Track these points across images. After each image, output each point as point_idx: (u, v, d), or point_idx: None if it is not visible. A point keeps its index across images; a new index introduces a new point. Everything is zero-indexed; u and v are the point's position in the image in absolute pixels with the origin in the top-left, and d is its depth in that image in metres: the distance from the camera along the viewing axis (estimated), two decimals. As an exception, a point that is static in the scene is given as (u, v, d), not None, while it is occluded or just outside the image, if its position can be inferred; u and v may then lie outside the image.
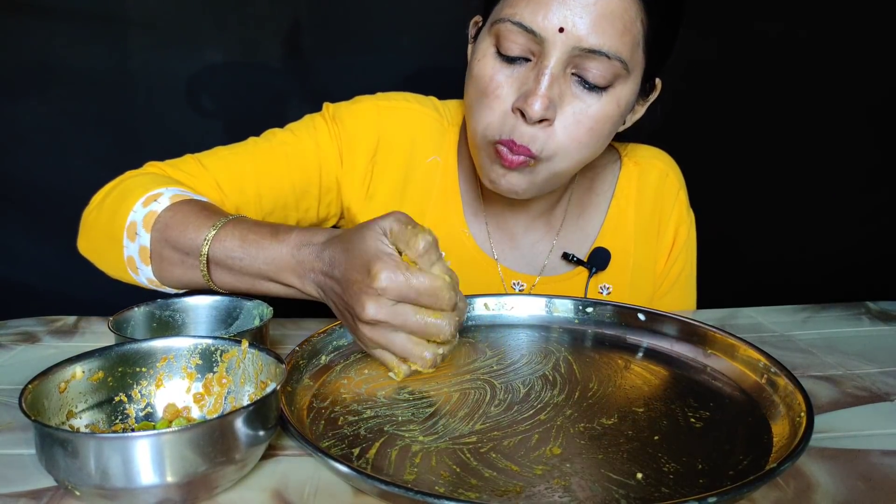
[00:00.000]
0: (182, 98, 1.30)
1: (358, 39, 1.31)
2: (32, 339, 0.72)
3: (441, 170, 0.89)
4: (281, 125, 0.88)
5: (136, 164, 0.81)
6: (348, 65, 1.32)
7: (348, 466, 0.44)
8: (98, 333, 0.74)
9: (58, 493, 0.45)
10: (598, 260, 0.89)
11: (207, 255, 0.66)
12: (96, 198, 0.77)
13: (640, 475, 0.47)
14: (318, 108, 0.90)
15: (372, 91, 0.92)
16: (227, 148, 0.84)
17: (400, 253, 0.58)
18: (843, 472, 0.49)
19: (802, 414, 0.51)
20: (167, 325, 0.66)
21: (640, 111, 0.82)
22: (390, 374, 0.60)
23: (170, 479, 0.41)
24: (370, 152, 0.87)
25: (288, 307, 0.76)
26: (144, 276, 0.71)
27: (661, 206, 0.93)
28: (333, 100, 0.90)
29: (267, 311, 0.65)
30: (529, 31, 0.70)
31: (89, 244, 0.76)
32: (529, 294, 0.78)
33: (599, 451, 0.50)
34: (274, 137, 0.86)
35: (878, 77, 1.46)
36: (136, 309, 0.64)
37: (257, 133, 0.87)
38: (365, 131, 0.87)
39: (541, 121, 0.71)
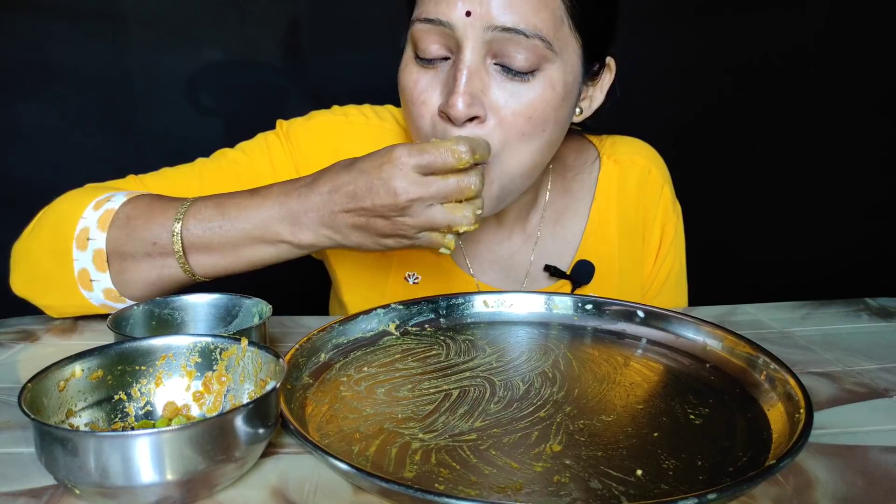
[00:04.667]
0: (181, 96, 1.30)
1: (356, 38, 1.31)
2: (32, 337, 0.72)
3: None
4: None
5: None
6: (346, 63, 1.32)
7: (348, 464, 0.44)
8: (97, 332, 0.73)
9: (57, 492, 0.45)
10: (581, 275, 0.85)
11: (181, 234, 0.64)
12: (27, 229, 0.73)
13: (639, 472, 0.47)
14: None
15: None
16: (173, 169, 0.81)
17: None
18: (842, 468, 0.49)
19: (802, 410, 0.51)
20: (166, 324, 0.66)
21: (599, 97, 0.78)
22: (441, 250, 0.62)
23: (170, 477, 0.41)
24: None
25: (287, 305, 0.76)
26: (100, 288, 0.68)
27: (644, 205, 0.89)
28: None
29: (266, 308, 0.65)
30: (438, 24, 0.67)
31: (28, 275, 0.71)
32: (529, 291, 0.77)
33: (599, 447, 0.50)
34: (224, 157, 0.82)
35: (878, 76, 1.47)
36: (135, 307, 0.64)
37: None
38: (322, 149, 0.83)
39: (471, 120, 0.67)
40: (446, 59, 0.69)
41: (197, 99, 1.31)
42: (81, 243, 0.67)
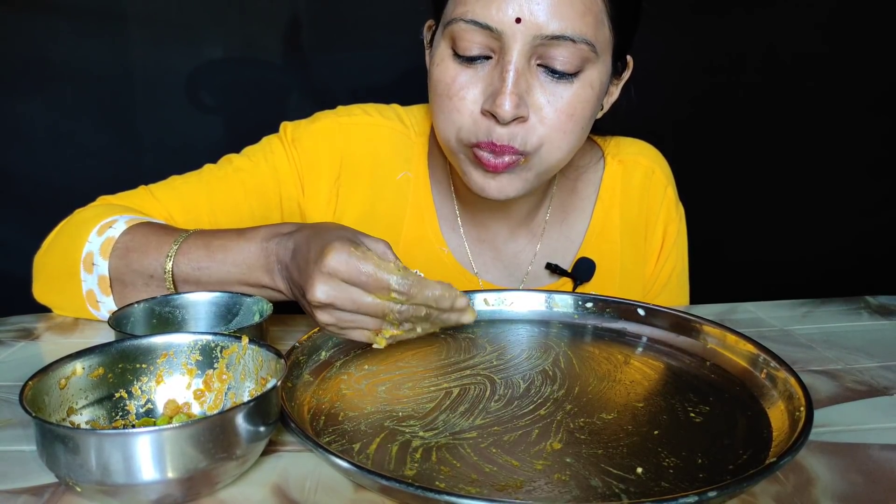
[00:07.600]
0: (182, 93, 1.30)
1: (357, 35, 1.31)
2: (32, 335, 0.72)
3: (413, 185, 0.85)
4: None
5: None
6: (348, 60, 1.32)
7: (349, 462, 0.44)
8: (98, 330, 0.73)
9: (59, 490, 0.45)
10: (582, 272, 0.86)
11: (172, 271, 0.65)
12: (46, 241, 0.75)
13: (640, 470, 0.47)
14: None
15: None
16: (181, 177, 0.82)
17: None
18: (842, 466, 0.49)
19: (802, 408, 0.51)
20: (167, 322, 0.66)
21: (615, 93, 0.79)
22: (374, 345, 0.58)
23: (171, 475, 0.41)
24: (334, 174, 0.84)
25: (288, 303, 0.76)
26: (106, 308, 0.70)
27: (647, 205, 0.90)
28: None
29: (267, 307, 0.65)
30: (485, 28, 0.66)
31: (45, 287, 0.74)
32: (529, 290, 0.77)
33: (599, 445, 0.50)
34: (229, 164, 0.82)
35: (877, 73, 1.46)
36: (135, 305, 0.64)
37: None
38: (326, 152, 0.83)
39: (514, 119, 0.68)
40: (487, 58, 0.69)
41: (198, 97, 1.31)
42: (88, 266, 0.69)
